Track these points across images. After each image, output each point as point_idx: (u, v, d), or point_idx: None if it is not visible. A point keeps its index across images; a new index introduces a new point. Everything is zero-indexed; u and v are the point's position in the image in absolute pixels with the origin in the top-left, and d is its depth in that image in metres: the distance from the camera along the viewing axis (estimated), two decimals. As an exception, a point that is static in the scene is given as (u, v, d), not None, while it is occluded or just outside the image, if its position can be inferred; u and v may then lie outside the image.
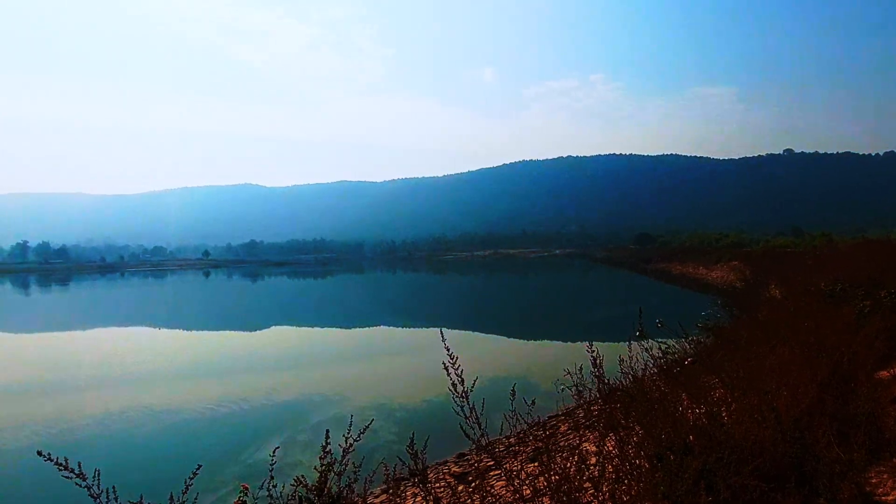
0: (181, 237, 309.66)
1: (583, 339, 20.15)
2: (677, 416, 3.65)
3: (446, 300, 46.57)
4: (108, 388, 15.66)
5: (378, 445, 8.70)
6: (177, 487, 3.34)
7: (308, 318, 34.51)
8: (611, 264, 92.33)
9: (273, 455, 3.74)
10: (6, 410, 13.37)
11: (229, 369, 18.16)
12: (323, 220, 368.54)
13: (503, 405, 4.26)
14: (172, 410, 12.75)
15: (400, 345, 22.67)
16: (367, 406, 12.14)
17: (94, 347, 24.61)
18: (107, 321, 36.40)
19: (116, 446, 10.42)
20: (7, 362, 21.32)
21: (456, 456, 8.41)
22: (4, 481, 9.12)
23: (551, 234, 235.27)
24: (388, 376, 16.00)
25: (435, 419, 10.85)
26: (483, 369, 9.87)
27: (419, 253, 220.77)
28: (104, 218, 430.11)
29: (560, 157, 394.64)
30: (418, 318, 32.46)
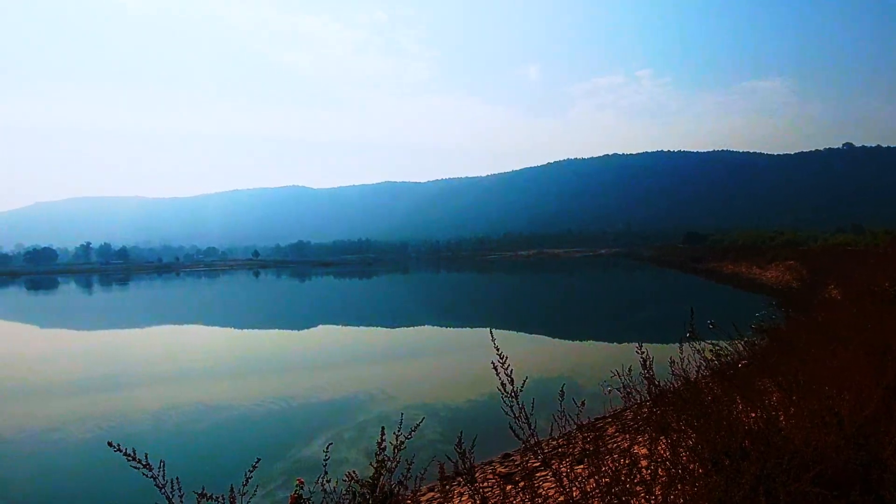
0: (232, 238, 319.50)
1: (630, 340, 19.74)
2: (732, 419, 3.54)
3: (490, 300, 46.43)
4: (163, 383, 16.31)
5: (422, 444, 8.75)
6: (229, 480, 3.44)
7: (353, 317, 35.02)
8: (658, 264, 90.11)
9: (326, 451, 3.82)
10: (72, 404, 14.10)
11: (277, 367, 18.62)
12: (368, 221, 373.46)
13: (548, 406, 4.22)
14: (223, 406, 13.17)
15: (444, 344, 22.75)
16: (411, 405, 12.22)
17: (151, 344, 25.71)
18: (163, 319, 37.90)
19: (172, 439, 10.83)
20: (73, 358, 22.49)
21: (501, 456, 8.38)
22: (72, 469, 9.60)
23: (597, 234, 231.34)
24: (432, 375, 16.08)
25: (479, 419, 10.85)
26: (528, 369, 9.83)
27: (463, 253, 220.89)
28: (160, 220, 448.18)
29: (606, 156, 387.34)
30: (462, 317, 32.49)
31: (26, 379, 17.77)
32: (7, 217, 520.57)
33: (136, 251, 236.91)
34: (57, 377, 17.91)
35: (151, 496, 3.05)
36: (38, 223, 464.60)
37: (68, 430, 11.56)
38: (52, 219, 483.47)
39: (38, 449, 10.63)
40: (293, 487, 3.64)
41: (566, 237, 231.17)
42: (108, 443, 3.08)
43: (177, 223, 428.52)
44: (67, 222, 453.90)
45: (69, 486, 8.83)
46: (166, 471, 3.08)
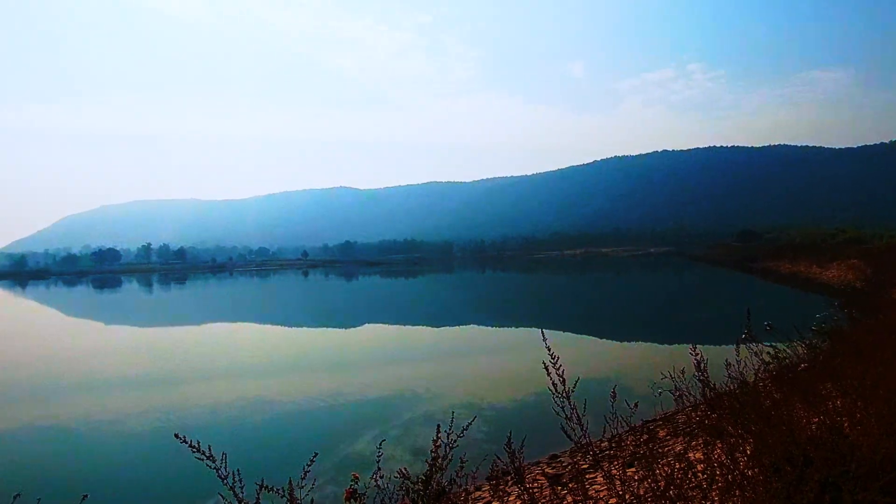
0: (282, 238, 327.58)
1: (682, 341, 19.26)
2: (794, 425, 3.38)
3: (536, 300, 46.02)
4: (218, 379, 16.88)
5: (467, 443, 8.74)
6: (280, 473, 3.52)
7: (399, 316, 35.34)
8: (711, 263, 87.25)
9: (379, 447, 3.87)
10: (134, 397, 14.75)
11: (325, 365, 18.97)
12: (414, 221, 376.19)
13: (596, 407, 4.15)
14: (274, 402, 13.50)
15: (489, 344, 22.67)
16: (457, 404, 12.22)
17: (206, 341, 26.66)
18: (218, 318, 39.26)
19: (225, 433, 11.18)
20: (134, 354, 23.53)
21: (549, 457, 8.28)
22: (136, 459, 10.04)
23: (645, 232, 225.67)
24: (477, 375, 16.05)
25: (525, 419, 10.77)
26: (576, 370, 9.72)
27: (509, 252, 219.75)
28: (215, 221, 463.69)
29: (655, 152, 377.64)
30: (507, 317, 32.33)
31: (93, 373, 18.71)
32: (76, 219, 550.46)
33: (192, 251, 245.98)
34: (120, 371, 18.78)
35: (207, 484, 3.15)
36: (103, 225, 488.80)
37: (131, 421, 12.10)
38: (116, 221, 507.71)
39: (103, 439, 11.16)
40: (341, 482, 3.70)
41: (614, 236, 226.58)
42: (175, 434, 3.21)
43: (230, 224, 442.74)
44: (130, 224, 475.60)
45: (134, 474, 9.22)
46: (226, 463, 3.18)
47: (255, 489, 3.23)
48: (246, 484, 3.23)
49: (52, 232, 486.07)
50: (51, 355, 23.23)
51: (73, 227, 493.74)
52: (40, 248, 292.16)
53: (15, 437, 11.46)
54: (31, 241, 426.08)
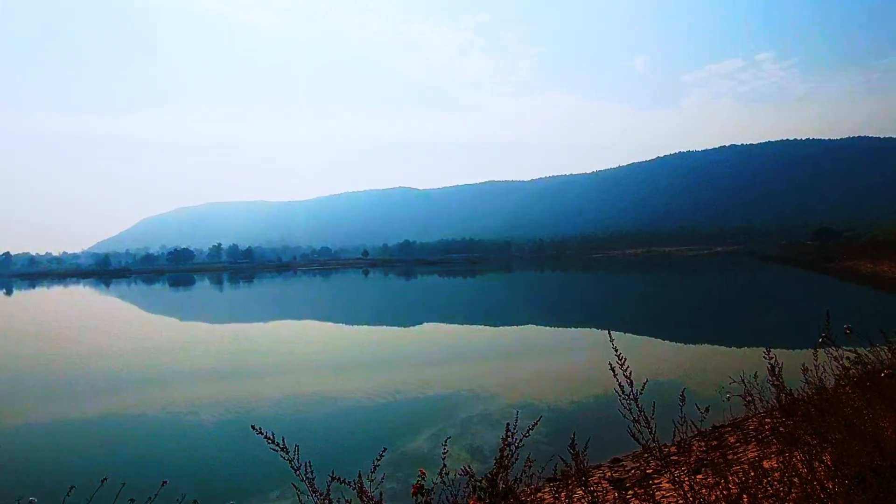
0: (344, 238, 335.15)
1: (751, 344, 18.40)
2: (878, 434, 3.16)
3: (596, 300, 45.10)
4: (282, 374, 17.47)
5: (525, 444, 8.68)
6: (342, 466, 3.61)
7: (457, 315, 35.45)
8: (784, 263, 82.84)
9: (445, 444, 3.90)
10: (206, 389, 15.48)
11: (384, 362, 19.26)
12: (472, 220, 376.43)
13: (660, 410, 4.02)
14: (335, 398, 13.83)
15: (548, 345, 22.40)
16: (514, 404, 12.13)
17: (272, 338, 27.68)
18: (283, 315, 40.68)
19: (290, 426, 11.54)
20: (206, 349, 24.70)
21: (610, 461, 8.10)
22: (209, 448, 10.54)
23: (712, 231, 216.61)
24: (535, 376, 15.88)
25: (586, 421, 10.56)
26: (639, 373, 9.45)
27: (568, 251, 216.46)
28: (281, 221, 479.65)
29: (722, 147, 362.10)
30: (566, 318, 31.82)
31: (169, 366, 19.78)
32: (154, 221, 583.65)
33: (259, 251, 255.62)
34: (194, 365, 19.78)
35: (275, 474, 3.27)
36: (178, 226, 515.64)
37: (203, 412, 12.70)
38: (190, 222, 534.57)
39: (179, 429, 11.77)
40: (399, 478, 3.76)
41: (678, 234, 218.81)
42: (252, 426, 3.37)
43: (295, 224, 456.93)
44: (203, 225, 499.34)
45: (207, 462, 9.67)
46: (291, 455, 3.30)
47: (327, 480, 3.34)
48: (315, 476, 3.34)
49: (133, 233, 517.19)
50: (132, 349, 24.69)
51: (151, 229, 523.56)
52: (122, 248, 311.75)
53: (101, 425, 12.25)
54: (113, 241, 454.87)
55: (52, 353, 24.08)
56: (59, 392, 15.94)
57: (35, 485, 8.40)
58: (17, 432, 11.89)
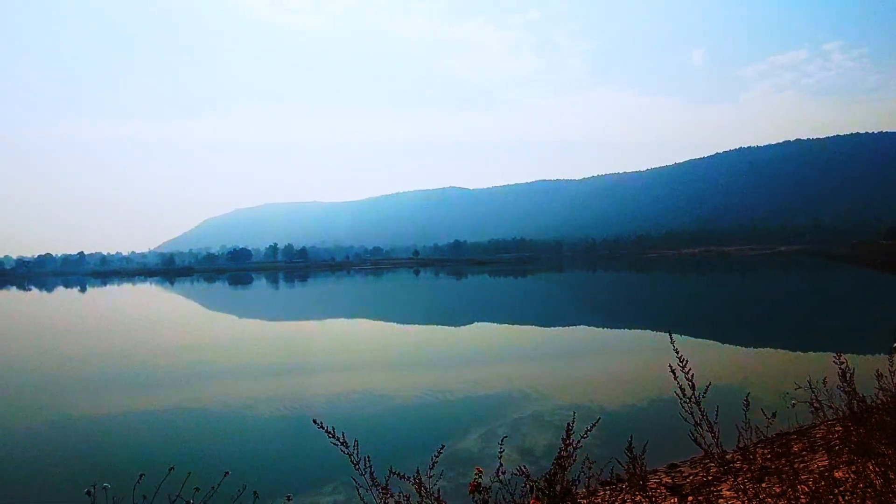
0: (395, 238, 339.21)
1: (818, 349, 17.54)
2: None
3: (650, 301, 43.91)
4: (335, 371, 17.84)
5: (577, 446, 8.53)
6: (395, 463, 3.66)
7: (508, 315, 35.28)
8: (854, 263, 78.38)
9: (501, 444, 3.89)
10: (262, 385, 15.98)
11: (435, 361, 19.36)
12: (522, 220, 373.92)
13: (721, 416, 3.87)
14: (386, 395, 13.99)
15: (600, 346, 21.95)
16: (566, 406, 11.97)
17: (326, 335, 28.30)
18: (336, 314, 41.56)
19: (343, 422, 11.76)
20: (262, 345, 25.52)
21: (667, 466, 7.87)
22: (266, 441, 10.87)
23: (775, 229, 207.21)
24: (587, 377, 15.60)
25: (640, 424, 10.29)
26: (697, 376, 9.14)
27: (621, 251, 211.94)
28: (333, 222, 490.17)
29: (786, 142, 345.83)
30: (619, 319, 31.13)
31: (229, 361, 20.54)
32: (214, 222, 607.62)
33: (313, 251, 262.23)
34: (251, 361, 20.47)
35: (330, 467, 3.35)
36: (237, 227, 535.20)
37: (260, 407, 13.12)
38: (248, 223, 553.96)
39: (239, 422, 12.19)
40: (450, 477, 3.77)
41: (738, 233, 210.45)
42: (314, 420, 3.48)
43: (348, 224, 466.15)
44: (260, 225, 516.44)
45: (266, 455, 9.98)
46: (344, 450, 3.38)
47: (385, 475, 3.40)
48: (374, 471, 3.42)
49: (195, 233, 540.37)
50: (194, 344, 25.79)
51: (212, 229, 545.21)
52: (185, 247, 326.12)
53: (168, 416, 12.83)
54: (177, 241, 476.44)
55: (122, 347, 25.43)
56: (129, 384, 16.80)
57: (108, 471, 8.88)
58: (92, 421, 12.61)
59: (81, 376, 18.45)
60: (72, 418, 12.92)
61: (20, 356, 23.97)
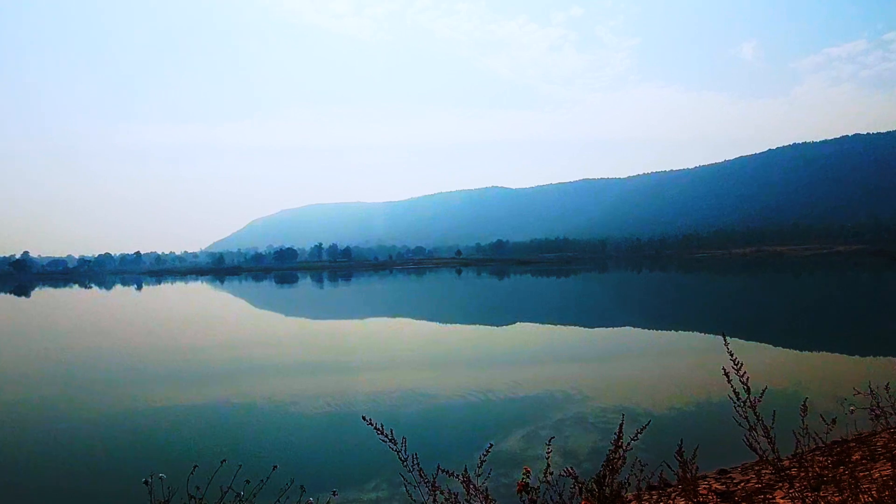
0: (437, 237, 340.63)
1: (879, 353, 16.69)
2: None
3: (698, 302, 42.67)
4: (377, 370, 18.03)
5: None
6: (439, 462, 3.69)
7: (550, 315, 34.93)
8: (921, 264, 74.20)
9: (549, 444, 3.88)
10: (307, 381, 16.32)
11: (476, 361, 19.33)
12: (566, 219, 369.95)
13: (776, 421, 3.74)
14: (427, 394, 14.06)
15: (646, 348, 21.45)
16: (609, 408, 11.77)
17: (367, 334, 28.68)
18: (379, 313, 42.05)
19: (385, 420, 11.88)
20: (307, 343, 26.07)
21: (717, 472, 7.64)
22: (311, 436, 11.10)
23: (832, 228, 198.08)
24: (632, 379, 15.28)
25: (688, 429, 10.03)
26: (750, 380, 8.81)
27: (667, 251, 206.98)
28: (377, 222, 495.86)
29: (844, 137, 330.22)
30: (666, 320, 30.37)
31: (274, 358, 21.07)
32: (261, 223, 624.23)
33: (357, 251, 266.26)
34: (296, 358, 20.97)
35: (373, 463, 3.41)
36: (283, 227, 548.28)
37: (305, 404, 13.40)
38: (293, 223, 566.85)
39: (285, 417, 12.47)
40: (492, 477, 3.76)
41: (792, 232, 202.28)
42: (363, 417, 3.57)
43: (390, 224, 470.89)
44: (305, 226, 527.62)
45: (311, 450, 10.20)
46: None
47: (432, 472, 3.44)
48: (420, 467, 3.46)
49: (243, 234, 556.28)
50: (243, 341, 26.56)
51: (259, 230, 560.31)
52: (234, 247, 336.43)
53: (217, 411, 13.26)
54: (227, 241, 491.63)
55: (176, 343, 26.43)
56: (182, 378, 17.45)
57: (163, 462, 9.24)
58: (149, 413, 13.15)
59: (139, 370, 19.25)
60: (130, 410, 13.51)
61: (84, 351, 25.17)
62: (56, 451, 10.60)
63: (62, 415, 13.34)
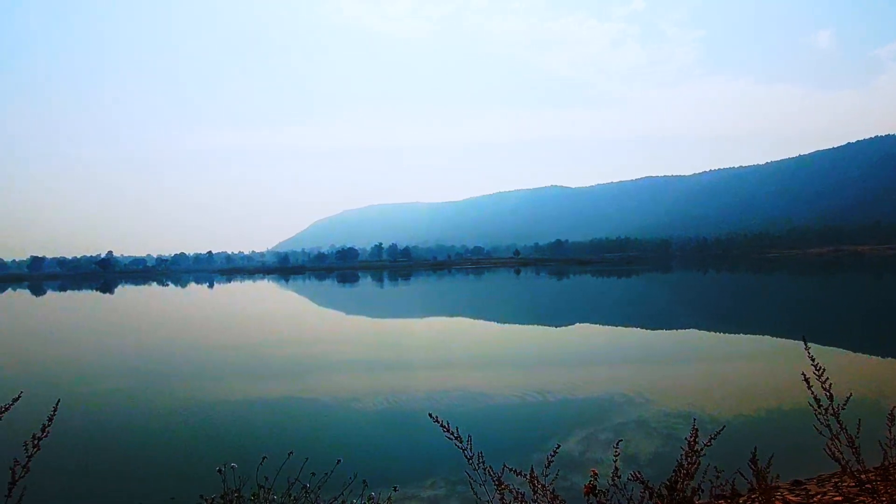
0: (496, 237, 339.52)
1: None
2: None
3: (769, 304, 40.57)
4: (434, 368, 18.20)
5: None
6: (494, 461, 3.74)
7: (611, 317, 34.17)
8: None
9: (617, 447, 3.85)
10: (366, 379, 16.66)
11: (535, 362, 19.16)
12: (627, 218, 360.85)
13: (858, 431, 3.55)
14: (484, 394, 14.03)
15: (712, 351, 20.58)
16: (673, 413, 11.42)
17: (427, 332, 28.96)
18: (437, 312, 42.41)
19: (444, 419, 11.97)
20: (367, 341, 26.59)
21: (791, 483, 7.29)
22: (372, 433, 11.34)
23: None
24: (697, 384, 14.76)
25: (758, 437, 9.60)
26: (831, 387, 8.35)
27: (735, 250, 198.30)
28: (436, 221, 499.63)
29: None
30: (733, 323, 29.09)
31: (336, 355, 21.67)
32: (323, 223, 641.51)
33: (416, 250, 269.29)
34: (356, 355, 21.48)
35: (434, 460, 3.48)
36: (344, 227, 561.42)
37: (365, 400, 13.69)
38: (354, 223, 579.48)
39: (345, 413, 12.80)
40: (549, 478, 3.75)
41: (873, 231, 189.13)
42: (429, 414, 3.65)
43: (449, 224, 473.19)
44: (365, 226, 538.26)
45: (370, 447, 10.43)
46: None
47: (498, 471, 3.49)
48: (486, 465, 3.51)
49: (307, 234, 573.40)
50: (305, 338, 27.42)
51: (321, 230, 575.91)
52: (298, 247, 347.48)
53: (282, 405, 13.76)
54: (291, 241, 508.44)
55: (245, 338, 27.58)
56: (250, 372, 18.20)
57: (234, 452, 9.68)
58: (220, 405, 13.81)
59: (212, 364, 20.24)
60: (204, 402, 14.23)
61: (163, 345, 26.67)
62: (137, 439, 11.31)
63: (143, 405, 14.17)
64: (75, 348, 26.68)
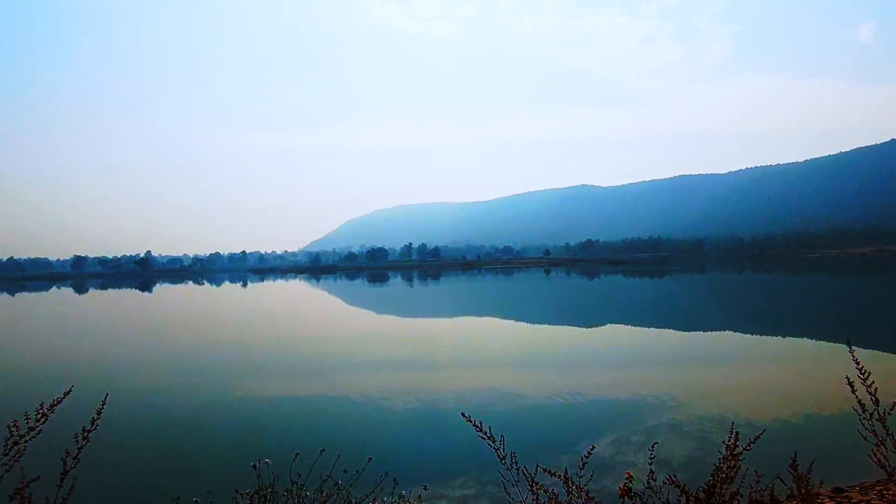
0: (525, 237, 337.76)
1: None
2: None
3: (808, 306, 39.37)
4: (464, 368, 18.22)
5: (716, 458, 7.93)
6: (523, 461, 3.74)
7: (643, 317, 33.66)
8: None
9: (652, 450, 3.83)
10: (397, 377, 16.79)
11: (565, 362, 19.03)
12: (659, 218, 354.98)
13: None
14: (516, 394, 14.00)
15: (748, 353, 20.08)
16: (707, 416, 11.21)
17: (456, 332, 29.01)
18: (467, 312, 42.44)
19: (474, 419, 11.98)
20: (397, 340, 26.78)
21: (832, 490, 7.09)
22: (402, 431, 11.44)
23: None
24: (732, 386, 14.43)
25: (797, 442, 9.36)
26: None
27: (773, 251, 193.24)
28: (466, 221, 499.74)
29: None
30: (771, 324, 28.32)
31: (367, 354, 21.86)
32: (354, 223, 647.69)
33: (445, 250, 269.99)
34: (386, 354, 21.64)
35: (455, 461, 3.50)
36: (374, 227, 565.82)
37: (396, 399, 13.81)
38: (384, 223, 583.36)
39: (376, 411, 12.92)
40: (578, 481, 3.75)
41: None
42: (462, 413, 3.69)
43: (479, 224, 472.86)
44: (396, 226, 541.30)
45: (400, 445, 10.53)
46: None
47: (531, 471, 3.50)
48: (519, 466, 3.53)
49: (337, 234, 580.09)
50: (337, 337, 27.75)
51: (352, 230, 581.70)
52: (329, 247, 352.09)
53: (314, 402, 13.98)
54: (323, 241, 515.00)
55: (277, 336, 28.06)
56: (283, 370, 18.54)
57: (267, 448, 9.86)
58: (253, 402, 14.12)
59: (246, 361, 20.66)
60: (239, 398, 14.55)
61: (199, 342, 27.35)
62: (176, 434, 11.63)
63: (182, 400, 14.57)
64: (119, 345, 27.55)
